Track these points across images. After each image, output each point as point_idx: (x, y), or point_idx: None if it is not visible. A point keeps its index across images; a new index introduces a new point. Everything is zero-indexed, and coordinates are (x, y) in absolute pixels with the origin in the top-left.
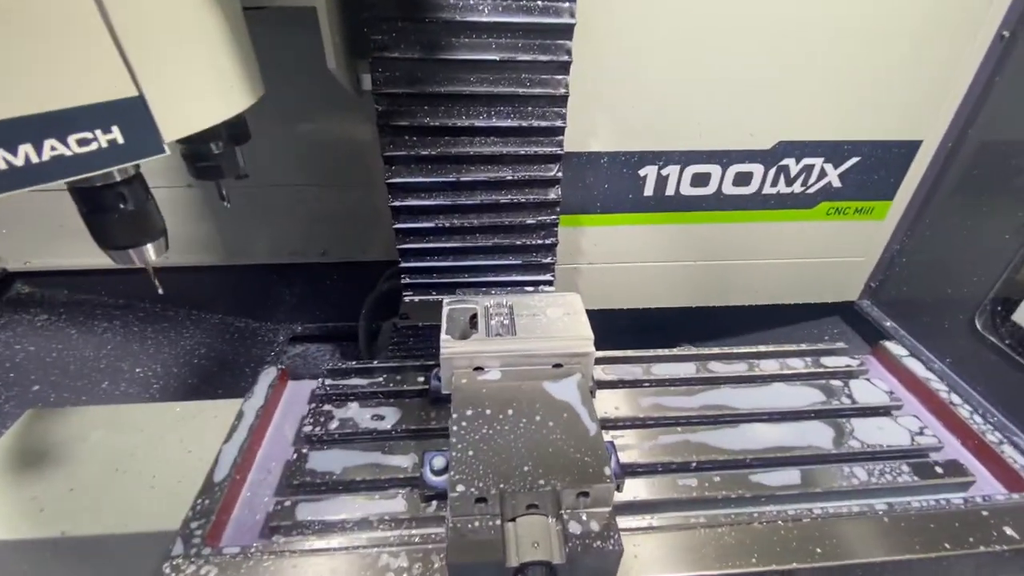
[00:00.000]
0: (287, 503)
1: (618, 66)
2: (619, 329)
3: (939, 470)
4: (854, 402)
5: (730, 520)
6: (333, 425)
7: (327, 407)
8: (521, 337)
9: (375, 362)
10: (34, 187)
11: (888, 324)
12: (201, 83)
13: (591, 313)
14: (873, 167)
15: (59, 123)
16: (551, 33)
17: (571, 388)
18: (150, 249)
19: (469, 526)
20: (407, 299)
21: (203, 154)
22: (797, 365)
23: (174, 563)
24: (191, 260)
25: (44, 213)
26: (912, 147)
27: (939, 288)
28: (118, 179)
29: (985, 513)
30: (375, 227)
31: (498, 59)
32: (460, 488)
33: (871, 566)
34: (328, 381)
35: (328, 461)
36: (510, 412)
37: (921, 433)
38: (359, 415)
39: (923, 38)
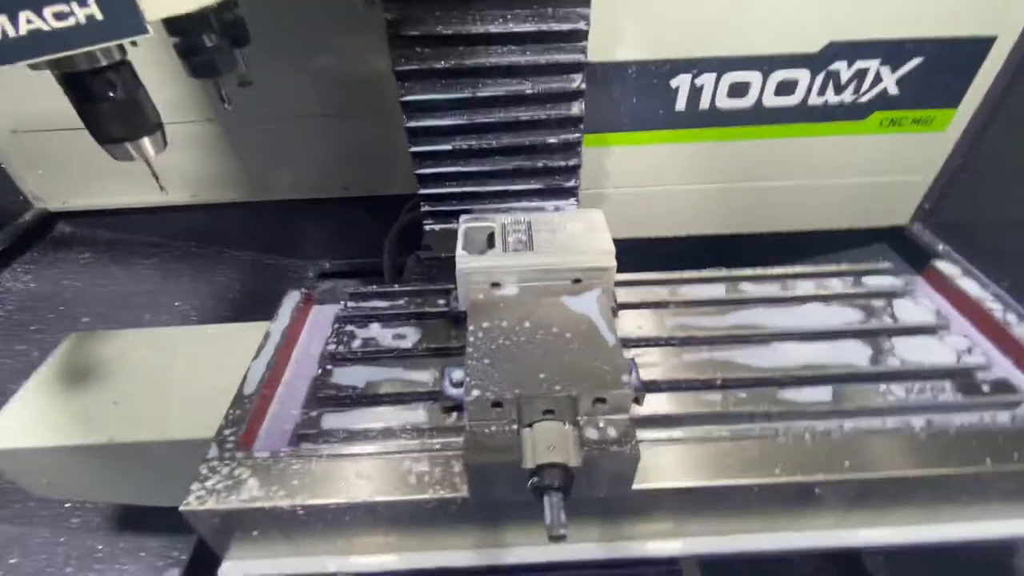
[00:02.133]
0: (313, 414)
1: None
2: (648, 260)
3: (985, 388)
4: (896, 321)
5: (755, 435)
6: (356, 344)
7: (350, 327)
8: (539, 252)
9: (396, 286)
10: (17, 63)
11: (941, 248)
12: None
13: (618, 242)
14: (937, 69)
15: None
16: None
17: (590, 302)
18: (147, 143)
19: (486, 430)
20: (427, 228)
21: (197, 48)
22: (836, 286)
23: (210, 465)
24: (218, 197)
25: (79, 154)
26: (984, 44)
27: (1003, 208)
28: (103, 63)
29: None
30: (396, 160)
31: None
32: (476, 392)
33: (904, 480)
34: (351, 303)
35: (352, 376)
36: (527, 324)
37: (969, 352)
38: (381, 335)
39: None
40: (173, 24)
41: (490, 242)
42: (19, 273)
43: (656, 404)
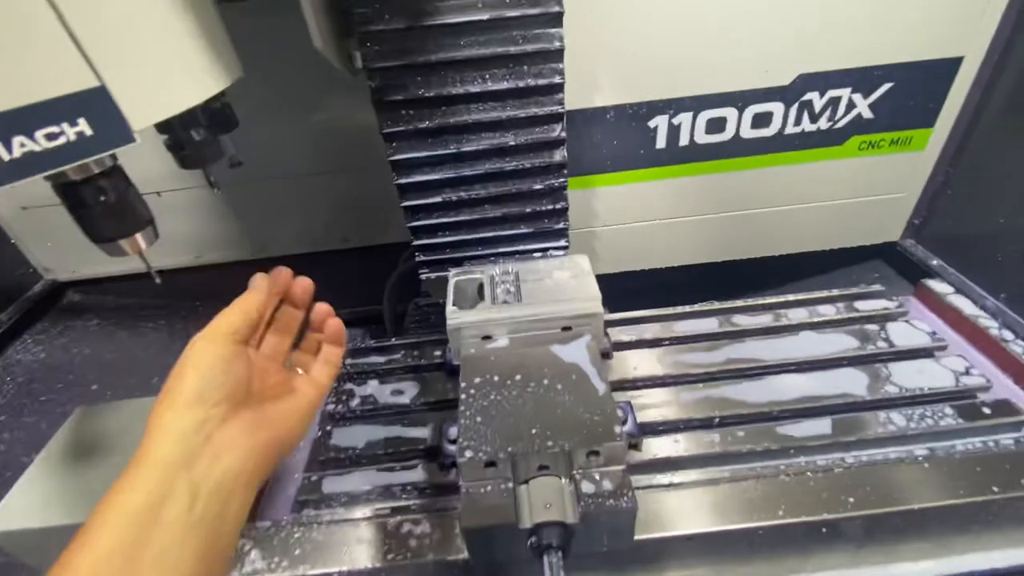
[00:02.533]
0: (314, 478)
1: (615, 10)
2: (644, 290)
3: (987, 411)
4: (891, 346)
5: (755, 474)
6: (355, 402)
7: (348, 386)
8: (527, 303)
9: (393, 340)
10: (13, 183)
11: (934, 262)
12: (167, 69)
13: (612, 276)
14: (908, 92)
15: (23, 119)
16: None
17: (580, 350)
18: (139, 238)
19: (482, 491)
20: (424, 276)
21: (184, 142)
22: (828, 312)
23: None
24: (221, 257)
25: None
26: (952, 65)
27: (991, 219)
28: (96, 171)
29: None
30: (391, 208)
31: (486, 18)
32: (468, 454)
33: (910, 514)
34: (349, 361)
35: (351, 436)
36: (518, 377)
37: (967, 373)
38: (379, 391)
39: None
40: (159, 124)
41: (480, 294)
42: (29, 344)
43: (655, 447)
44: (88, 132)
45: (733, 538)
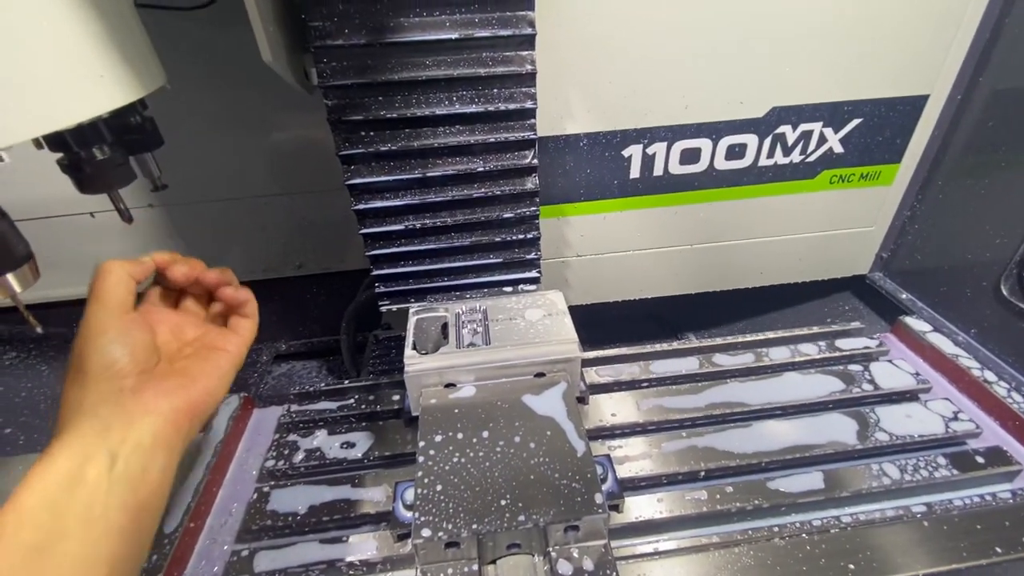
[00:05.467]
0: (244, 552)
1: (590, 36)
2: (617, 320)
3: (980, 460)
4: (877, 388)
5: (747, 536)
6: (298, 457)
7: (292, 437)
8: (496, 346)
9: (346, 382)
10: None
11: (904, 296)
12: (48, 76)
13: (586, 308)
14: (877, 128)
15: None
16: (511, 4)
17: (555, 400)
18: (11, 280)
19: (441, 574)
20: (384, 308)
21: (82, 161)
22: (810, 351)
23: None
24: None
25: None
26: (918, 103)
27: (958, 254)
28: None
29: None
30: (349, 234)
31: (455, 37)
32: (426, 532)
33: None
34: (295, 407)
35: (292, 499)
36: (485, 435)
37: (955, 418)
38: (327, 444)
39: None
40: (50, 139)
41: (443, 334)
42: None
43: (637, 508)
44: None
45: None
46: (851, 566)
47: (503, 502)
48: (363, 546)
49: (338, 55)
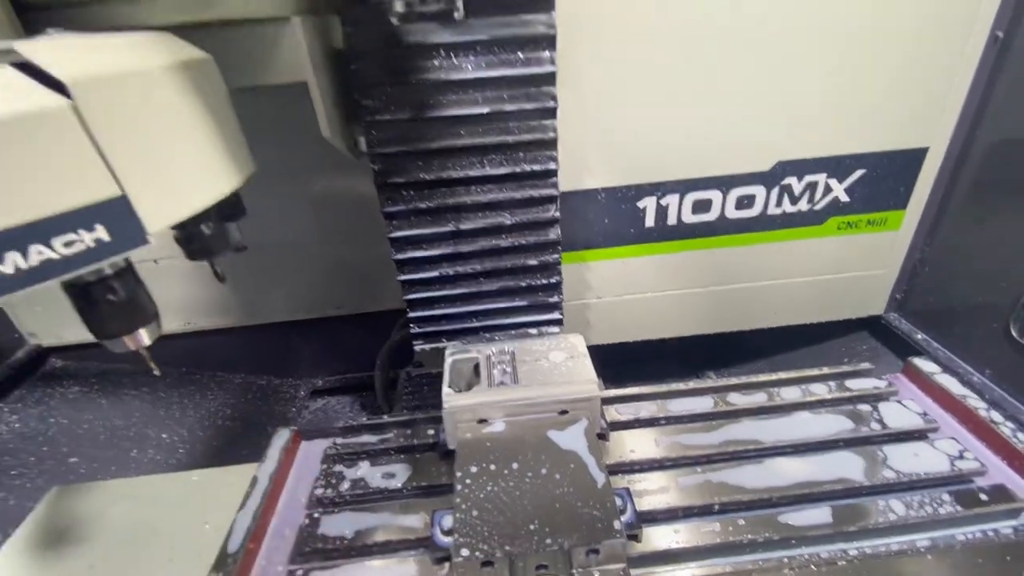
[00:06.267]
0: (299, 573)
1: (605, 103)
2: (638, 359)
3: (984, 497)
4: (885, 427)
5: (758, 567)
6: (344, 486)
7: (338, 467)
8: (523, 385)
9: (385, 417)
10: (28, 286)
11: (919, 337)
12: (184, 174)
13: (606, 348)
14: (880, 178)
15: (42, 229)
16: (534, 82)
17: (577, 436)
18: (143, 334)
19: None
20: (418, 348)
21: (194, 235)
22: (821, 391)
23: None
24: (213, 324)
25: None
26: (918, 154)
27: (968, 296)
28: (109, 272)
29: None
30: (385, 278)
31: (486, 112)
32: (465, 552)
33: None
34: (339, 440)
35: (340, 524)
36: (515, 466)
37: (961, 457)
38: (370, 474)
39: (915, 45)
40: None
41: (476, 374)
42: (6, 414)
43: (655, 538)
44: (105, 238)
45: None
46: None
47: (532, 527)
48: (404, 569)
49: (385, 128)
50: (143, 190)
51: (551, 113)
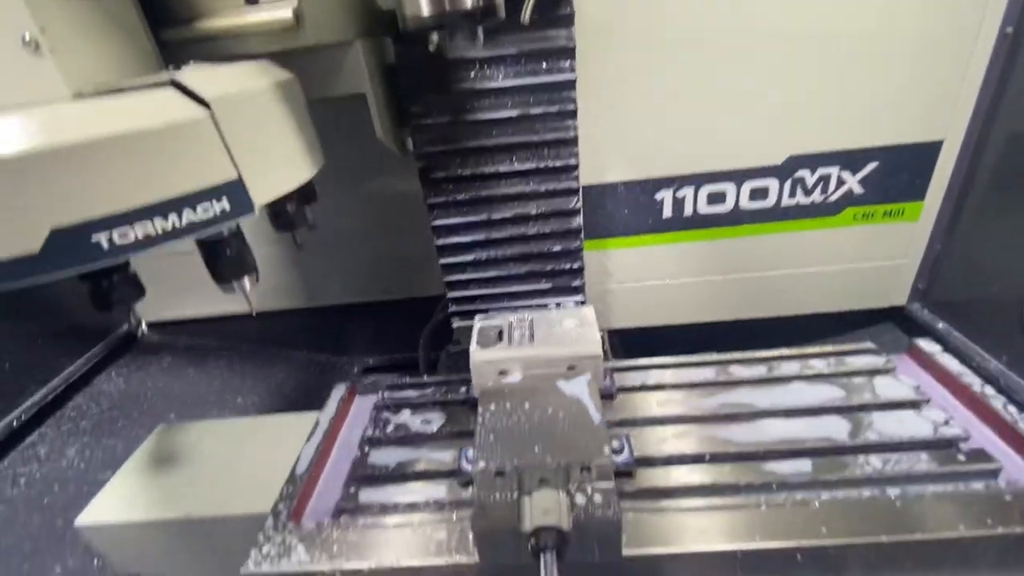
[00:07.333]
0: (352, 490)
1: (625, 104)
2: (659, 347)
3: (961, 457)
4: (876, 397)
5: (739, 504)
6: (390, 429)
7: (385, 414)
8: (539, 345)
9: (426, 377)
10: (178, 239)
11: (941, 326)
12: (278, 164)
13: (626, 331)
14: (894, 170)
15: (191, 200)
16: (557, 88)
17: (581, 386)
18: (246, 281)
19: (491, 498)
20: (456, 325)
21: (281, 212)
22: (820, 366)
23: (266, 534)
24: (279, 305)
25: (168, 274)
26: (933, 147)
27: (987, 286)
28: (226, 234)
29: (1008, 498)
30: (429, 266)
31: (515, 115)
32: (482, 464)
33: (880, 546)
34: (387, 394)
35: (386, 457)
36: (527, 406)
37: (946, 424)
38: (411, 420)
39: (925, 40)
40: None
41: (499, 337)
42: (113, 376)
43: (649, 478)
44: (227, 208)
45: (714, 560)
46: (824, 529)
47: (537, 448)
48: (437, 490)
49: (429, 130)
50: (252, 175)
51: (572, 115)
